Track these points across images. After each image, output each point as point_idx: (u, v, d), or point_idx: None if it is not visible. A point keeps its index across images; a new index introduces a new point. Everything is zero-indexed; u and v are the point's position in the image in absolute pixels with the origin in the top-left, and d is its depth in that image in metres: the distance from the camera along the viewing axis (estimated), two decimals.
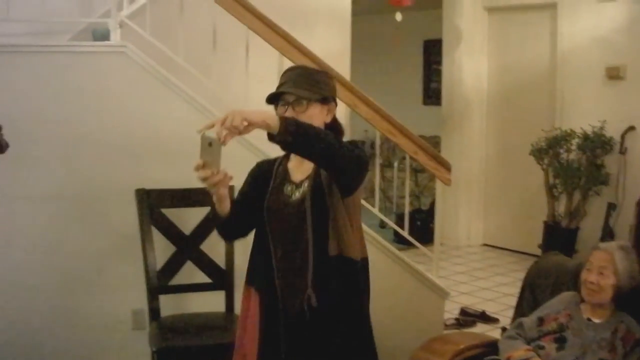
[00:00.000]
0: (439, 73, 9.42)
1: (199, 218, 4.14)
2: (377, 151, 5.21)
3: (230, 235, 3.10)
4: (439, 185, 5.00)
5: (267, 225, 2.82)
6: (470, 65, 8.36)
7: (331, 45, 6.07)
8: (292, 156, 2.89)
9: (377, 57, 10.93)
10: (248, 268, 2.95)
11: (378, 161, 5.44)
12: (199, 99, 4.41)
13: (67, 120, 4.27)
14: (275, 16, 4.57)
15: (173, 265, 4.14)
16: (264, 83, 3.53)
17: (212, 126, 2.45)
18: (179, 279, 4.18)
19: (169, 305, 4.16)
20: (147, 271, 4.06)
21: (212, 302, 4.27)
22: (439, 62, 9.07)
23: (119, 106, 4.36)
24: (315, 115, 2.76)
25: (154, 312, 4.05)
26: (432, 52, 10.38)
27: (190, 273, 4.21)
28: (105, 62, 4.37)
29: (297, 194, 2.80)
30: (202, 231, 4.13)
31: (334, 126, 2.88)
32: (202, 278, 4.20)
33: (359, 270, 2.79)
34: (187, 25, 4.56)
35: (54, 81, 4.28)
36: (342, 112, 5.60)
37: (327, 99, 2.82)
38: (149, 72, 4.37)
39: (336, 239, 2.72)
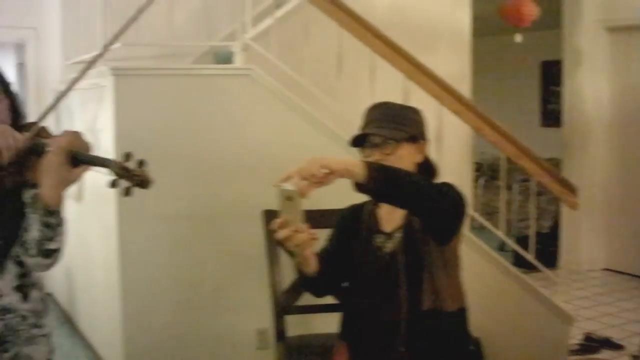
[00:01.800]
0: (557, 94, 9.25)
1: (323, 239, 4.14)
2: (502, 174, 5.14)
3: (319, 292, 2.96)
4: (565, 209, 4.89)
5: (355, 279, 2.69)
6: (591, 87, 8.16)
7: (451, 66, 6.04)
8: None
9: (492, 78, 10.82)
10: (340, 323, 2.82)
11: (502, 184, 5.36)
12: (325, 122, 4.44)
13: (193, 142, 4.36)
14: (395, 37, 4.58)
15: (298, 286, 4.14)
16: None
17: (290, 178, 2.21)
18: (304, 299, 4.19)
19: (294, 325, 4.18)
20: (273, 291, 4.07)
21: (336, 323, 4.27)
22: (557, 84, 8.91)
23: (244, 128, 4.44)
24: (404, 157, 2.61)
25: (280, 332, 4.06)
26: (550, 73, 10.19)
27: None
28: (230, 85, 4.46)
29: (388, 246, 2.66)
30: None
31: (426, 166, 2.73)
32: (328, 299, 4.19)
33: (455, 324, 2.64)
34: (311, 47, 4.61)
35: (181, 103, 4.38)
36: (466, 134, 5.61)
37: (416, 137, 2.67)
38: (275, 94, 4.43)
39: (431, 292, 2.55)
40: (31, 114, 6.30)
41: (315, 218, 2.57)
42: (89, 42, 5.32)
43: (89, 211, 5.02)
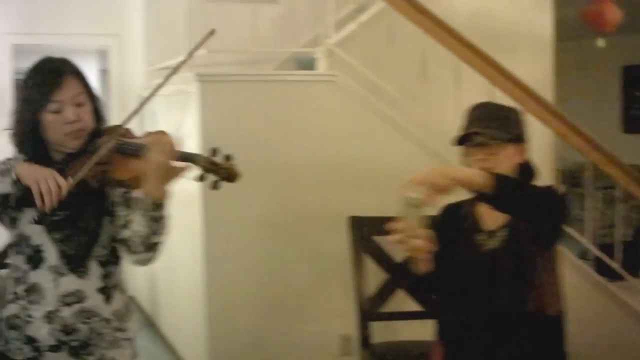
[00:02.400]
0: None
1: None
2: (587, 181, 5.06)
3: (427, 291, 2.96)
4: None
5: (456, 278, 2.62)
6: None
7: (533, 71, 5.96)
8: None
9: (571, 82, 10.63)
10: (437, 324, 2.76)
11: (588, 191, 5.27)
12: (411, 128, 4.43)
13: (278, 148, 4.40)
14: (477, 42, 4.53)
15: (384, 293, 4.13)
16: None
17: (414, 185, 2.18)
18: (389, 306, 4.18)
19: (378, 332, 4.17)
20: (358, 297, 4.07)
21: (421, 331, 4.24)
22: None
23: (329, 134, 4.45)
24: (507, 157, 2.57)
25: (365, 339, 4.05)
26: (633, 77, 9.98)
27: (401, 300, 4.19)
28: (315, 91, 4.49)
29: (490, 244, 2.60)
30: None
31: (526, 168, 2.67)
32: (412, 306, 4.17)
33: (555, 327, 2.58)
34: (395, 53, 4.59)
35: (265, 109, 4.42)
36: (548, 140, 5.53)
37: (519, 138, 2.62)
38: (359, 100, 4.43)
39: (534, 294, 2.50)
40: (114, 120, 6.42)
41: None
42: (172, 48, 5.39)
43: (174, 214, 5.06)
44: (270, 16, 5.78)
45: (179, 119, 4.75)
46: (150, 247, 2.36)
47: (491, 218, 2.62)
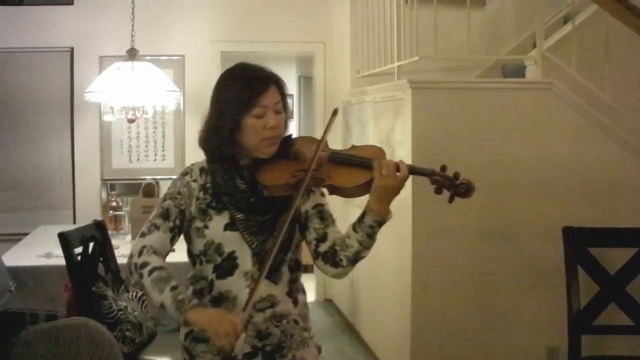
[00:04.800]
0: None
1: (625, 258, 4.02)
2: None
3: None
4: None
5: None
6: None
7: None
8: None
9: None
10: None
11: None
12: (633, 141, 4.32)
13: (489, 155, 4.39)
14: None
15: (596, 305, 4.03)
16: None
17: None
18: (600, 319, 4.08)
19: (587, 345, 4.07)
20: (570, 309, 3.99)
21: (634, 346, 4.13)
22: None
23: (543, 143, 4.40)
24: None
25: (574, 351, 3.98)
26: None
27: (612, 314, 4.08)
28: (528, 99, 4.45)
29: None
30: (628, 272, 4.00)
31: None
32: (624, 320, 4.06)
33: None
34: (610, 60, 4.46)
35: (475, 116, 4.44)
36: None
37: None
38: (574, 109, 4.35)
39: None
40: (319, 125, 6.59)
41: None
42: (378, 54, 5.48)
43: None
44: (476, 22, 5.75)
45: (390, 126, 4.80)
46: (355, 262, 2.35)
47: None
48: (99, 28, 6.74)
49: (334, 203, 2.61)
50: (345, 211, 4.59)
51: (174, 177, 2.46)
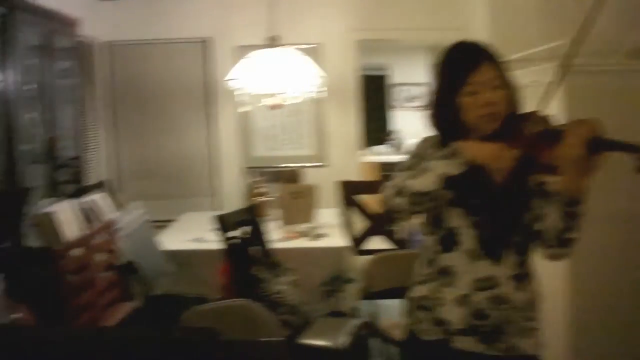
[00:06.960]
0: None
1: None
2: None
3: None
4: None
5: None
6: None
7: None
8: None
9: None
10: None
11: None
12: None
13: None
14: None
15: None
16: None
17: None
18: None
19: None
20: None
21: None
22: None
23: None
24: None
25: None
26: None
27: None
28: None
29: None
30: None
31: None
32: None
33: None
34: None
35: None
36: None
37: None
38: None
39: None
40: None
41: None
42: (518, 40, 5.35)
43: None
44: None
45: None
46: (564, 243, 2.34)
47: None
48: (234, 18, 6.85)
49: None
50: None
51: (314, 164, 2.51)
